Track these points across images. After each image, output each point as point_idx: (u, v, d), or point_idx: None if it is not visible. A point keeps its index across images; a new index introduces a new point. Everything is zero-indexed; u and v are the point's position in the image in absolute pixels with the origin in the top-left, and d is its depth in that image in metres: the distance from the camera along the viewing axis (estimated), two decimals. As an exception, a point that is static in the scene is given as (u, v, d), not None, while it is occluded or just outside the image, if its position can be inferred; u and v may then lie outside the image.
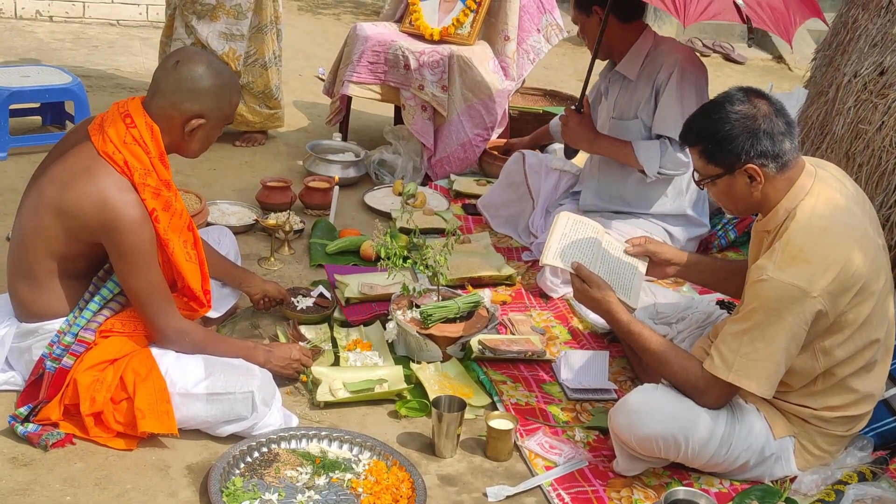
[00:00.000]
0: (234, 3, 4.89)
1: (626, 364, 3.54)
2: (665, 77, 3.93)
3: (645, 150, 3.95)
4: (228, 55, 4.93)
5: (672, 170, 3.97)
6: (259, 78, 5.11)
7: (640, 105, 4.01)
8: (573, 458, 2.99)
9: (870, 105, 3.75)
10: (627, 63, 4.03)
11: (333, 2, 9.20)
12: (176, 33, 4.97)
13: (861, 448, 2.95)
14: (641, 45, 4.01)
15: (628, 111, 4.05)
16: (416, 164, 5.07)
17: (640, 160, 3.95)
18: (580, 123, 4.07)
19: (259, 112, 5.20)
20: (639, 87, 4.01)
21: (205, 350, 2.95)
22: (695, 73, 3.95)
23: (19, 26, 7.09)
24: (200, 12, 4.87)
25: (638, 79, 4.01)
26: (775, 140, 2.68)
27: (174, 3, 4.96)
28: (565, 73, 7.21)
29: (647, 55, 4.00)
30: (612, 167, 4.13)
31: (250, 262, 4.01)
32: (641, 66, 4.00)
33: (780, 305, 2.63)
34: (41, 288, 2.87)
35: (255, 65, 5.09)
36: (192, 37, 4.93)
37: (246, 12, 4.93)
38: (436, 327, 3.34)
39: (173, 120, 2.85)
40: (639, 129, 4.02)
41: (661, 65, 3.95)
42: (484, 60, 5.02)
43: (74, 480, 2.69)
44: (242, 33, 4.95)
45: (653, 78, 3.97)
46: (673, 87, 3.90)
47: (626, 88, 4.06)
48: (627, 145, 3.99)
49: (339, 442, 2.92)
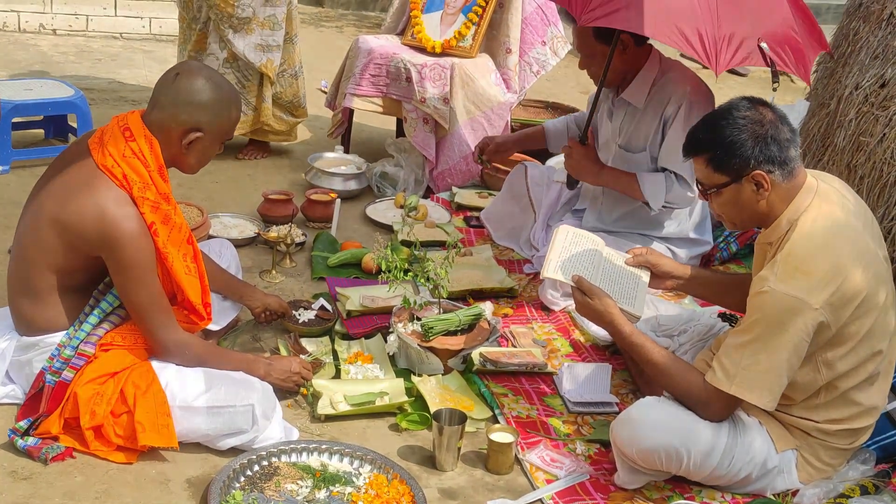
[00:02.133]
0: (269, 14, 4.92)
1: (627, 377, 3.53)
2: (673, 111, 3.84)
3: (650, 184, 3.87)
4: (266, 66, 4.96)
5: (677, 205, 3.92)
6: (289, 87, 5.17)
7: (649, 137, 3.92)
8: (574, 471, 2.98)
9: (871, 117, 3.76)
10: (634, 90, 3.93)
11: (336, 14, 9.22)
12: (209, 48, 4.97)
13: (863, 461, 2.94)
14: (648, 70, 3.91)
15: (636, 142, 3.96)
16: (418, 176, 5.07)
17: (645, 194, 3.87)
18: (585, 156, 3.97)
19: (286, 121, 5.24)
20: (646, 117, 3.92)
21: (205, 363, 2.95)
22: (703, 106, 3.83)
23: (23, 39, 7.11)
24: (237, 26, 4.89)
25: (645, 108, 3.91)
26: (782, 146, 2.68)
27: (202, 18, 4.95)
28: (567, 86, 7.21)
29: (654, 83, 3.91)
30: (616, 193, 4.05)
31: (252, 274, 4.01)
32: (649, 94, 3.91)
33: (781, 317, 2.63)
34: (41, 301, 2.87)
35: (285, 75, 5.14)
36: (226, 51, 4.94)
37: (281, 22, 4.98)
38: (437, 340, 3.34)
39: (171, 132, 2.85)
40: (646, 162, 3.95)
41: (670, 96, 3.85)
42: (486, 73, 5.03)
43: (74, 494, 2.69)
44: (278, 44, 5.00)
45: (661, 110, 3.87)
46: (681, 122, 3.79)
47: (632, 116, 3.96)
48: (633, 178, 3.90)
49: (340, 455, 2.92)
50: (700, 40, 3.40)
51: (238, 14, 4.85)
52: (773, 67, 3.47)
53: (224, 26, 4.89)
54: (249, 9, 4.86)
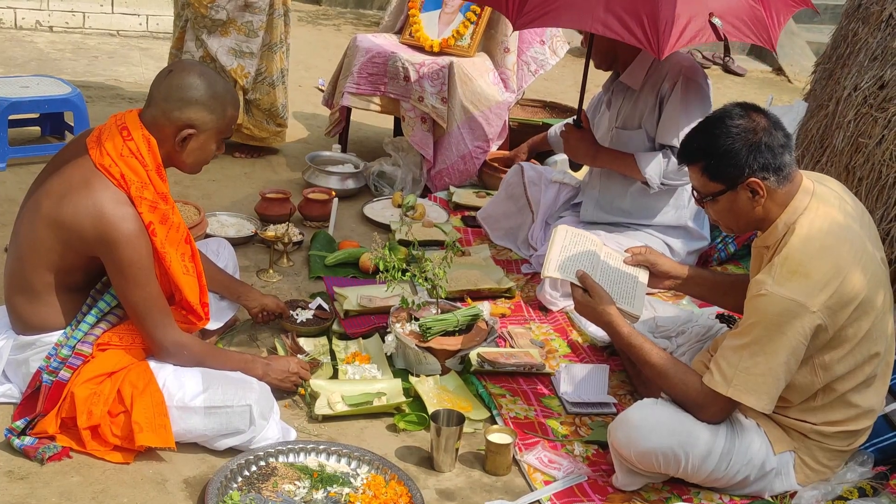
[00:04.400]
0: (246, 21, 4.90)
1: (625, 378, 3.53)
2: (669, 87, 3.90)
3: (648, 161, 3.92)
4: (237, 71, 4.94)
5: (675, 180, 3.95)
6: (266, 96, 5.12)
7: (644, 115, 3.98)
8: (572, 472, 2.98)
9: (870, 119, 3.76)
10: (632, 73, 4.00)
11: (334, 13, 9.22)
12: (186, 46, 4.97)
13: (861, 463, 2.94)
14: (646, 54, 3.94)
15: (632, 121, 4.03)
16: (416, 175, 5.06)
17: (643, 171, 3.92)
18: (581, 139, 4.06)
19: (266, 128, 5.21)
20: (642, 96, 3.99)
21: (203, 363, 2.94)
22: (699, 83, 3.92)
23: (19, 36, 7.10)
24: (211, 27, 4.88)
25: (642, 88, 3.99)
26: (776, 153, 2.69)
27: (185, 16, 4.96)
28: (565, 85, 7.21)
29: (652, 64, 3.96)
30: (613, 179, 4.11)
31: (249, 273, 4.00)
32: (646, 75, 3.97)
33: (779, 320, 2.63)
34: (38, 301, 2.86)
35: (264, 83, 5.10)
36: (202, 50, 4.93)
37: (258, 31, 4.94)
38: (435, 340, 3.33)
39: (165, 129, 2.84)
40: (642, 140, 4.00)
41: (665, 74, 3.92)
42: (484, 72, 5.03)
43: (71, 494, 2.68)
44: (252, 51, 4.96)
45: (657, 87, 3.94)
46: (677, 97, 3.87)
47: (629, 98, 4.03)
48: (630, 157, 3.96)
49: (338, 456, 2.91)
50: (640, 26, 3.39)
51: (212, 16, 4.84)
52: (726, 41, 3.49)
53: (199, 26, 4.89)
54: (223, 11, 4.84)
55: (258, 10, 4.91)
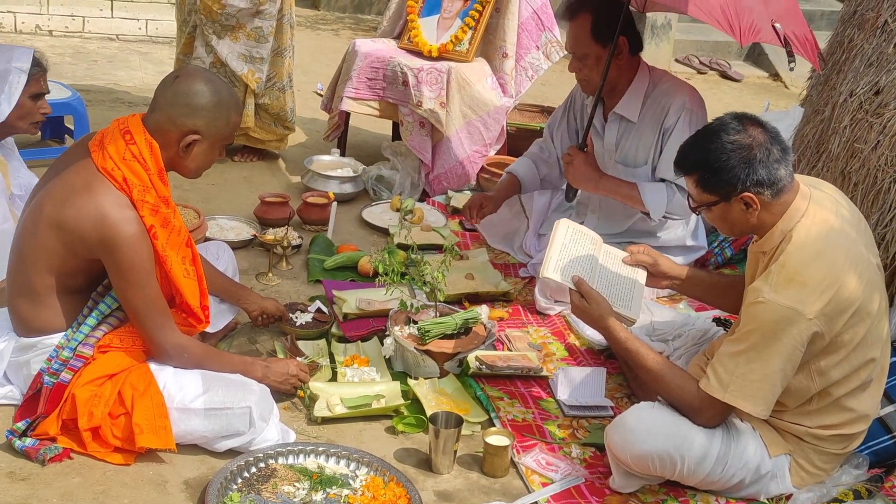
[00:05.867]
0: (256, 26, 4.91)
1: (622, 381, 3.54)
2: (674, 121, 3.81)
3: (651, 194, 3.83)
4: (248, 76, 4.96)
5: (678, 215, 3.89)
6: (276, 101, 5.13)
7: (650, 150, 3.89)
8: (569, 474, 3.00)
9: (865, 124, 3.77)
10: (627, 103, 3.89)
11: (332, 18, 9.23)
12: (196, 52, 4.97)
13: (856, 466, 2.96)
14: (639, 82, 3.89)
15: (636, 157, 3.93)
16: (414, 180, 5.08)
17: (645, 204, 3.84)
18: (585, 163, 3.92)
19: (273, 130, 5.22)
20: (644, 130, 3.89)
21: (203, 365, 2.96)
22: (701, 115, 3.84)
23: (19, 40, 7.09)
24: (220, 32, 4.89)
25: (641, 121, 3.89)
26: (770, 168, 2.68)
27: (193, 21, 4.95)
28: (561, 89, 7.21)
29: (647, 95, 3.89)
30: (614, 204, 4.02)
31: (248, 277, 4.02)
32: (642, 107, 3.89)
33: (776, 327, 2.64)
34: (40, 303, 2.87)
35: (274, 88, 5.11)
36: (212, 55, 4.94)
37: (267, 36, 4.95)
38: (433, 343, 3.35)
39: (169, 135, 2.85)
40: (647, 176, 3.92)
41: (668, 107, 3.83)
42: (482, 77, 5.05)
43: (72, 495, 2.69)
44: (262, 56, 4.97)
45: (660, 121, 3.85)
46: (681, 132, 3.74)
47: (628, 132, 3.93)
48: (633, 187, 3.87)
49: (337, 457, 2.93)
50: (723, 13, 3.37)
51: (222, 21, 4.85)
52: (788, 47, 3.42)
53: (208, 31, 4.89)
54: (234, 18, 4.85)
55: (268, 15, 4.93)
